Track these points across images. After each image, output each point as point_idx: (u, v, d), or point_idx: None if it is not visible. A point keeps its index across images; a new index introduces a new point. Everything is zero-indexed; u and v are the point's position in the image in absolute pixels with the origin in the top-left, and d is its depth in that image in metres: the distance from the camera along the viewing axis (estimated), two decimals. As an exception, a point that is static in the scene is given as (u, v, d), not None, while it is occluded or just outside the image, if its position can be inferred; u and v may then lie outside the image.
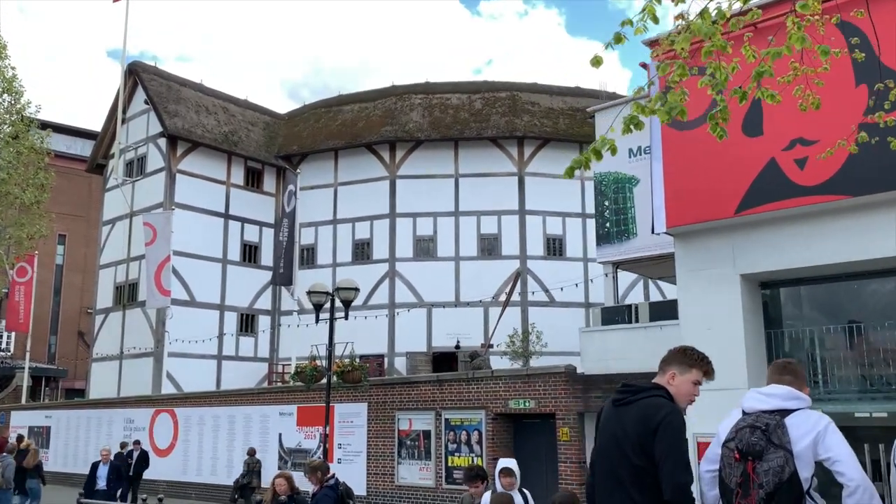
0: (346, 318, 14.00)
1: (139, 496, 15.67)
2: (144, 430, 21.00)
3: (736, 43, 4.45)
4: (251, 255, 30.56)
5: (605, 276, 16.42)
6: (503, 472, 6.71)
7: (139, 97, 30.07)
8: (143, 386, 26.06)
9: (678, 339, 10.27)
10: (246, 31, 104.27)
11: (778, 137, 9.23)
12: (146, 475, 18.21)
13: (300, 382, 17.28)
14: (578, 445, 13.17)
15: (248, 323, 30.03)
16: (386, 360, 27.91)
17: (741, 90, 3.97)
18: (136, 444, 18.49)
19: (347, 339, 17.19)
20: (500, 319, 23.59)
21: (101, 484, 14.81)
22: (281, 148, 31.84)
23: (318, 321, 14.48)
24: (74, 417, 24.06)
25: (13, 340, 37.57)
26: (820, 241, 9.28)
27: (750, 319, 10.03)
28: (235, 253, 29.97)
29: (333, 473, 7.43)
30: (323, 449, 15.27)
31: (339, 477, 7.66)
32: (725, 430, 3.33)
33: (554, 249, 28.66)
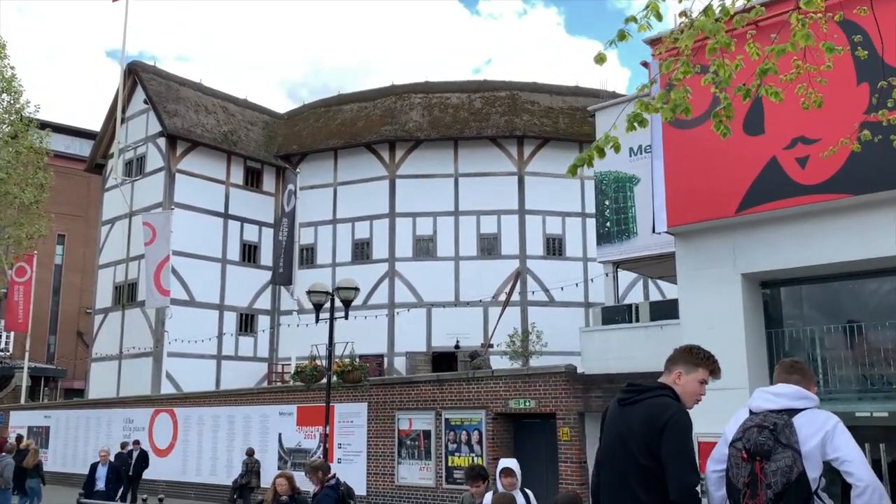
0: (346, 317, 13.98)
1: (139, 496, 15.65)
2: (144, 429, 20.96)
3: (739, 41, 4.43)
4: (250, 254, 30.52)
5: (605, 275, 16.40)
6: (504, 472, 6.68)
7: (138, 97, 30.03)
8: (142, 386, 26.03)
9: (679, 338, 10.24)
10: (245, 31, 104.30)
11: (779, 136, 9.21)
12: (146, 475, 18.20)
13: (300, 382, 17.26)
14: (579, 445, 13.15)
15: (247, 323, 30.00)
16: (385, 359, 27.87)
17: (745, 87, 3.95)
18: (135, 444, 18.48)
19: (347, 338, 17.18)
20: (500, 319, 23.56)
21: (99, 485, 14.76)
22: (280, 147, 31.79)
23: (317, 321, 14.46)
24: (74, 417, 24.03)
25: (12, 340, 37.52)
26: (821, 240, 9.26)
27: (750, 319, 10.00)
28: (235, 253, 29.94)
29: (334, 473, 7.41)
30: (323, 449, 15.24)
31: (339, 477, 7.64)
32: (732, 429, 3.30)
33: (553, 249, 28.63)
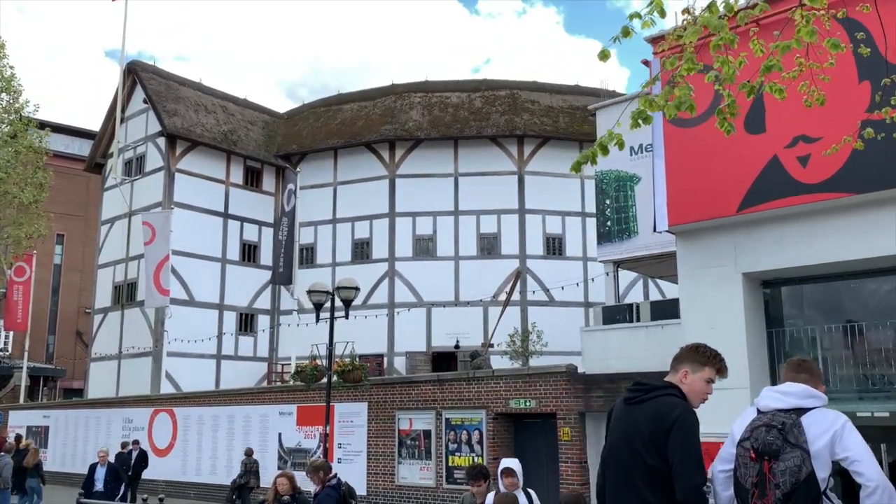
0: (346, 317, 13.96)
1: (139, 496, 15.62)
2: (143, 429, 20.93)
3: (742, 38, 4.41)
4: (250, 254, 30.49)
5: (605, 275, 16.38)
6: (505, 472, 6.63)
7: (138, 96, 29.99)
8: (141, 385, 26.00)
9: (680, 338, 10.22)
10: (245, 31, 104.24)
11: (780, 135, 9.18)
12: (145, 475, 18.18)
13: (300, 382, 17.24)
14: (579, 445, 13.13)
15: (247, 322, 29.97)
16: (385, 359, 27.84)
17: (749, 84, 3.93)
18: (135, 443, 18.45)
19: (347, 338, 17.15)
20: (500, 319, 23.53)
21: (98, 486, 14.71)
22: (280, 147, 31.75)
23: (318, 320, 14.44)
24: (73, 417, 23.99)
25: (11, 340, 37.47)
26: (822, 239, 9.23)
27: (751, 318, 9.98)
28: (235, 252, 29.91)
29: (335, 473, 7.39)
30: (323, 449, 15.22)
31: (340, 477, 7.62)
32: (740, 429, 3.27)
33: (553, 249, 28.59)
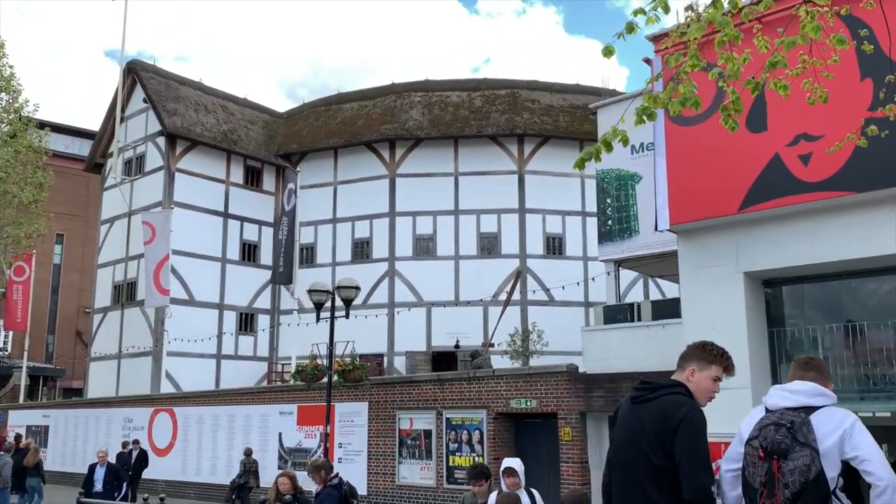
0: (346, 316, 13.95)
1: (139, 496, 15.59)
2: (143, 429, 20.91)
3: (746, 35, 4.39)
4: (250, 254, 30.46)
5: (606, 274, 16.35)
6: (506, 471, 6.60)
7: (138, 96, 29.95)
8: (141, 385, 25.97)
9: (680, 337, 10.19)
10: (244, 31, 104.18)
11: (782, 133, 9.15)
12: (145, 475, 18.16)
13: (301, 381, 17.21)
14: (580, 445, 13.10)
15: (247, 322, 29.94)
16: (385, 359, 27.81)
17: (754, 80, 3.90)
18: (134, 443, 18.44)
19: (347, 338, 17.12)
20: (500, 318, 23.50)
21: (98, 486, 14.66)
22: (280, 146, 31.72)
23: (318, 320, 14.42)
24: (73, 417, 23.97)
25: (10, 340, 37.44)
26: (824, 238, 9.20)
27: (753, 318, 9.95)
28: (235, 252, 29.88)
29: (337, 472, 7.36)
30: (323, 448, 15.20)
31: (342, 476, 7.59)
32: (748, 428, 3.24)
33: (554, 248, 28.56)
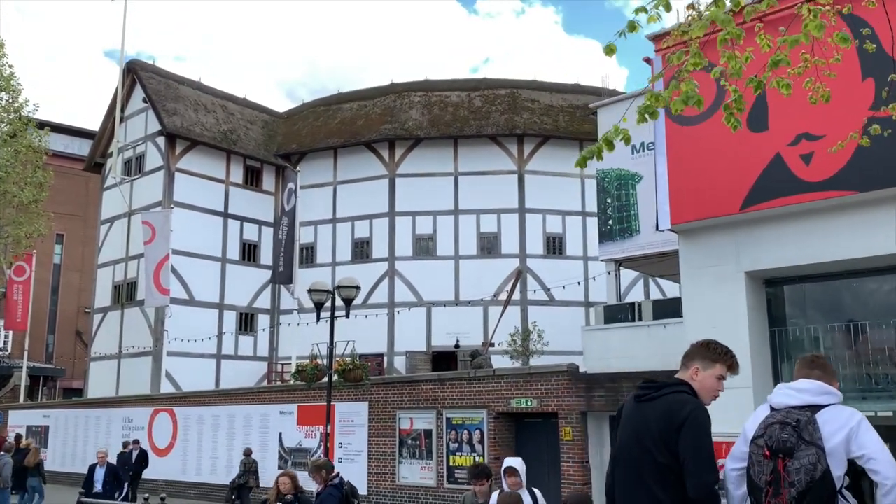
0: (346, 316, 13.94)
1: (140, 496, 15.58)
2: (143, 429, 20.90)
3: (747, 34, 4.38)
4: (250, 253, 30.45)
5: (607, 273, 16.34)
6: (507, 471, 6.57)
7: (137, 95, 29.94)
8: (141, 385, 25.95)
9: (681, 337, 10.17)
10: (244, 31, 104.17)
11: (783, 132, 9.12)
12: (145, 475, 18.14)
13: (301, 381, 17.20)
14: (581, 445, 13.09)
15: (247, 322, 29.93)
16: (385, 359, 27.80)
17: (756, 79, 3.89)
18: (135, 443, 18.42)
19: (347, 338, 17.11)
20: (500, 318, 23.49)
21: (97, 487, 14.63)
22: (280, 146, 31.70)
23: (318, 319, 14.41)
24: (73, 417, 23.95)
25: (10, 339, 37.43)
26: (825, 237, 9.18)
27: (754, 317, 9.92)
28: (235, 252, 29.87)
29: (338, 472, 7.35)
30: (324, 448, 15.19)
31: (342, 476, 7.58)
32: (753, 426, 3.22)
33: (554, 248, 28.55)
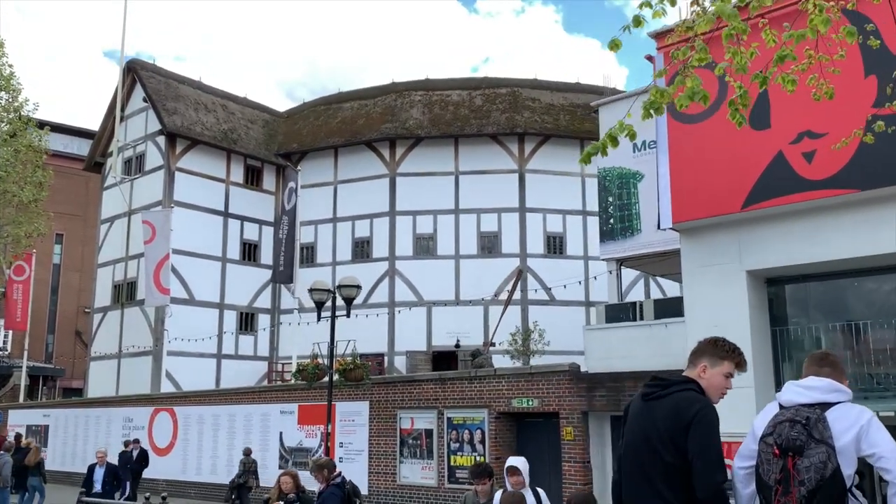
0: (347, 315, 13.91)
1: (140, 495, 15.54)
2: (143, 428, 20.87)
3: (752, 30, 4.35)
4: (251, 253, 30.42)
5: (609, 273, 16.31)
6: (509, 470, 6.54)
7: (137, 95, 29.90)
8: (141, 385, 25.92)
9: (683, 336, 10.14)
10: (244, 31, 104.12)
11: (785, 130, 9.10)
12: (145, 474, 18.11)
13: (302, 381, 17.17)
14: (582, 445, 13.06)
15: (247, 321, 29.90)
16: (386, 358, 27.77)
17: (762, 74, 3.86)
18: (135, 442, 18.38)
19: (347, 337, 17.08)
20: (501, 318, 23.46)
21: (97, 487, 14.59)
22: (280, 146, 31.67)
23: (319, 319, 14.39)
24: (73, 416, 23.93)
25: (10, 339, 37.40)
26: (827, 236, 9.16)
27: (756, 317, 9.89)
28: (235, 251, 29.84)
29: (340, 471, 7.33)
30: (325, 448, 15.16)
31: (344, 475, 7.55)
32: (762, 425, 3.18)
33: (554, 247, 28.51)
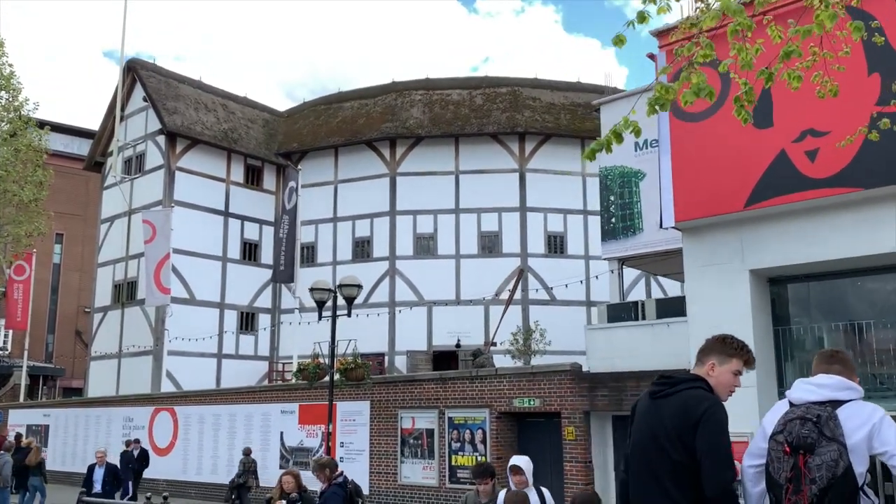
0: (348, 315, 13.89)
1: (141, 495, 15.51)
2: (144, 428, 20.85)
3: (757, 27, 4.33)
4: (251, 253, 30.39)
5: (610, 272, 16.27)
6: (512, 469, 6.50)
7: (138, 94, 29.87)
8: (142, 384, 25.90)
9: (685, 336, 10.12)
10: (244, 31, 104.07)
11: (788, 129, 9.08)
12: (146, 474, 18.08)
13: (303, 380, 17.15)
14: (584, 445, 13.03)
15: (248, 321, 29.87)
16: (386, 358, 27.74)
17: (768, 70, 3.83)
18: (135, 442, 18.36)
19: (347, 337, 17.05)
20: (502, 317, 23.43)
21: (97, 487, 14.54)
22: (281, 145, 31.63)
23: (320, 318, 14.36)
24: (73, 416, 23.90)
25: (10, 339, 37.39)
26: (830, 235, 9.13)
27: (758, 316, 9.86)
28: (235, 251, 29.81)
29: (342, 471, 7.30)
30: (325, 447, 15.13)
31: (346, 475, 7.53)
32: (771, 422, 3.15)
33: (555, 247, 28.47)
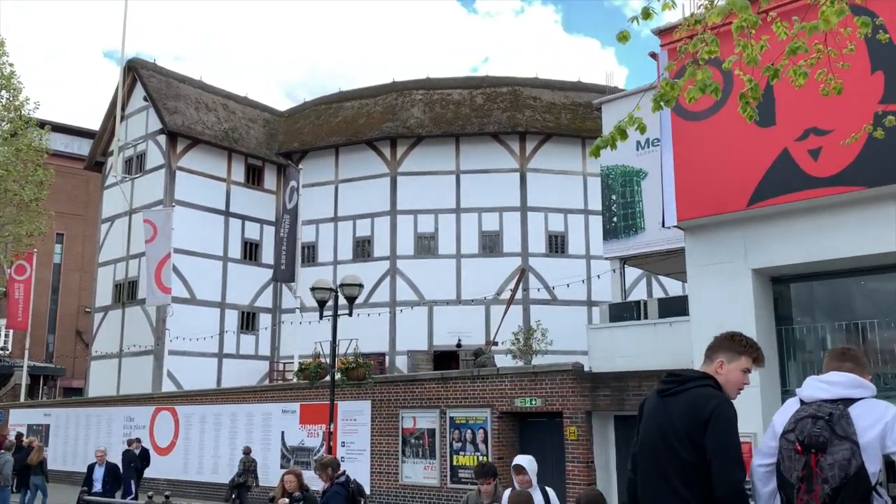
0: (349, 314, 13.87)
1: (141, 494, 15.49)
2: (145, 428, 20.83)
3: (762, 23, 4.30)
4: (252, 252, 30.37)
5: (612, 271, 16.24)
6: (516, 469, 6.47)
7: (138, 94, 29.85)
8: (142, 384, 25.88)
9: (687, 335, 10.10)
10: (243, 31, 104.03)
11: (791, 127, 9.05)
12: (147, 473, 18.06)
13: (304, 380, 17.12)
14: (586, 445, 13.00)
15: (248, 321, 29.85)
16: (387, 358, 27.71)
17: (773, 67, 3.80)
18: (136, 441, 18.33)
19: (348, 337, 17.03)
20: (504, 317, 23.40)
21: (97, 487, 14.49)
22: (281, 145, 31.61)
23: (321, 318, 14.34)
24: (74, 416, 23.89)
25: (11, 338, 37.38)
26: (833, 234, 9.10)
27: (761, 316, 9.84)
28: (236, 250, 29.79)
29: (344, 470, 7.28)
30: (326, 447, 15.11)
31: (349, 474, 7.51)
32: (782, 421, 3.11)
33: (556, 246, 28.44)
